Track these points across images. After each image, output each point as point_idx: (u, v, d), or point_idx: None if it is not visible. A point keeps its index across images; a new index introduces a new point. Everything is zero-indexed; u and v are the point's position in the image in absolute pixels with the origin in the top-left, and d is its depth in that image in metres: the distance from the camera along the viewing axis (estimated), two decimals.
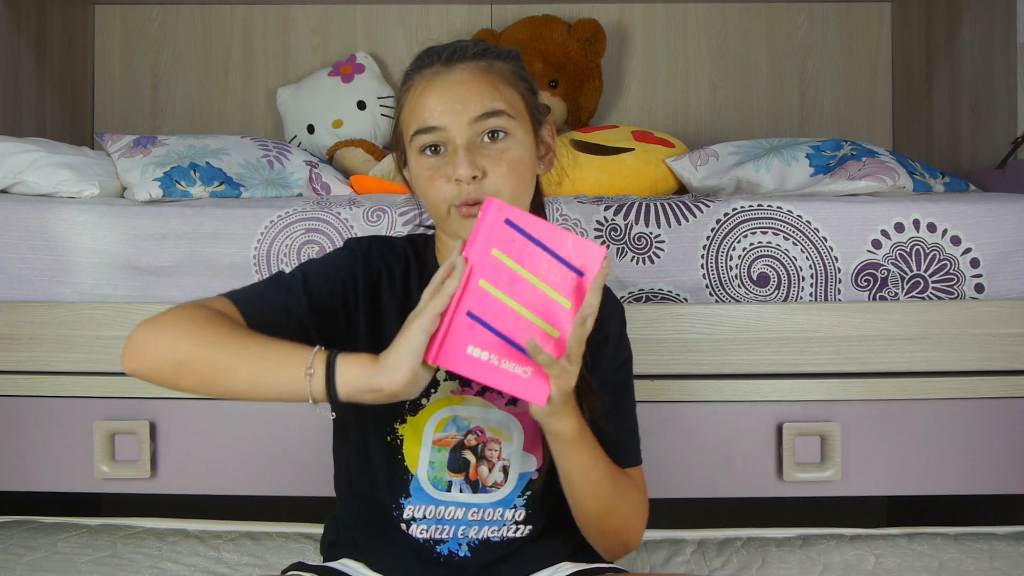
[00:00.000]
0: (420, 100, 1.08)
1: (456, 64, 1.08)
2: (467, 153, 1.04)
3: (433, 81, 1.08)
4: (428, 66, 1.09)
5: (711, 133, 2.55)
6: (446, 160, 1.06)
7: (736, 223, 1.62)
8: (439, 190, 1.06)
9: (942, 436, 1.58)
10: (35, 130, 2.28)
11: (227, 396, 0.98)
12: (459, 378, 1.13)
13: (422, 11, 2.56)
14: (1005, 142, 1.95)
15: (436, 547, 1.13)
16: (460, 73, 1.08)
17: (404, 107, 1.11)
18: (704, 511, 2.12)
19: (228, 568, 1.47)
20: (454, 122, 1.06)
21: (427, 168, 1.07)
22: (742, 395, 1.58)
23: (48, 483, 1.60)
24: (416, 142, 1.08)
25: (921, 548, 1.53)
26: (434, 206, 1.08)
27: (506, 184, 1.06)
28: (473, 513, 1.13)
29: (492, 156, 1.06)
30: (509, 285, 0.94)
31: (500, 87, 1.08)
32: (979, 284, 1.61)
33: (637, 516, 1.14)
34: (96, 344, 1.58)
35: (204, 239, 1.61)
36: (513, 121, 1.08)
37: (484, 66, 1.09)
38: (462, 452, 1.13)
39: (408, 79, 1.12)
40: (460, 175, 1.04)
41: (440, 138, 1.06)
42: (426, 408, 1.13)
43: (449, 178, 1.05)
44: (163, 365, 0.97)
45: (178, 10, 2.56)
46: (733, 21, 2.57)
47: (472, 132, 1.06)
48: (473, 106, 1.06)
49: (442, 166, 1.06)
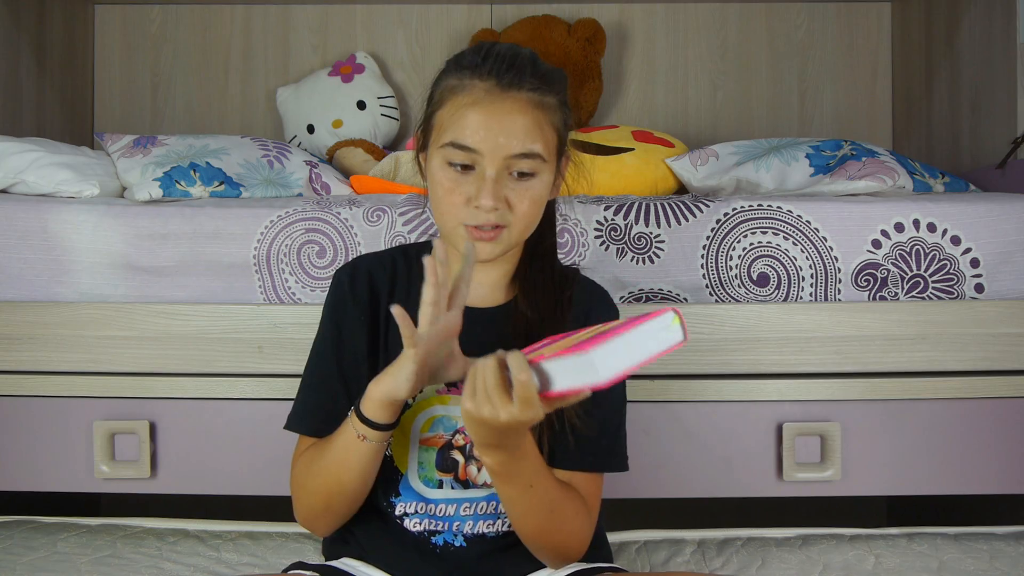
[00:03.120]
0: (465, 114, 1.08)
1: (512, 92, 1.08)
2: (495, 186, 1.06)
3: (484, 101, 1.07)
4: (483, 78, 1.08)
5: (711, 133, 2.55)
6: (471, 182, 1.08)
7: (736, 223, 1.62)
8: (454, 205, 1.08)
9: (942, 436, 1.58)
10: (35, 130, 2.28)
11: (357, 495, 1.11)
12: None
13: (422, 11, 2.56)
14: (1005, 142, 1.95)
15: (431, 538, 1.14)
16: (512, 104, 1.08)
17: (445, 107, 1.10)
18: (704, 511, 2.12)
19: (228, 568, 1.47)
20: (491, 152, 1.07)
21: (450, 180, 1.09)
22: (742, 395, 1.58)
23: (48, 483, 1.60)
24: (447, 152, 1.08)
25: (921, 548, 1.53)
26: (443, 215, 1.10)
27: (523, 220, 1.10)
28: (465, 508, 1.14)
29: (517, 191, 1.08)
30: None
31: (543, 127, 1.09)
32: (979, 284, 1.61)
33: (576, 538, 1.12)
34: (96, 344, 1.58)
35: (204, 239, 1.61)
36: (544, 164, 1.10)
37: (536, 100, 1.09)
38: (450, 452, 1.14)
39: (458, 76, 1.10)
40: (482, 205, 1.06)
41: (473, 160, 1.08)
42: (411, 408, 1.14)
43: (468, 198, 1.08)
44: (316, 518, 1.14)
45: (178, 10, 2.56)
46: (733, 21, 2.57)
47: (504, 166, 1.07)
48: (514, 143, 1.07)
49: (465, 185, 1.08)
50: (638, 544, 1.57)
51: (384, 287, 1.18)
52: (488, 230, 1.08)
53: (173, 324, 1.58)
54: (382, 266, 1.19)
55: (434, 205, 1.12)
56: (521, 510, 1.05)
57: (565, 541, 1.10)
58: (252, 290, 1.61)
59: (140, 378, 1.58)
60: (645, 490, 1.58)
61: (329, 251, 1.60)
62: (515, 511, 1.06)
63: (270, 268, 1.60)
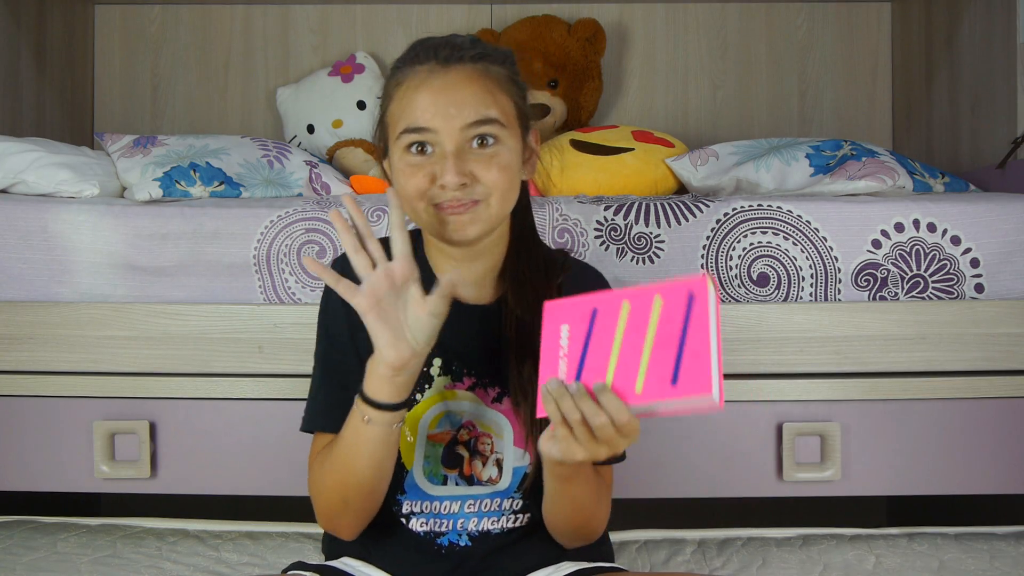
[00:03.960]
0: (412, 98, 1.07)
1: (452, 65, 1.07)
2: (456, 160, 1.04)
3: (428, 80, 1.07)
4: (422, 62, 1.08)
5: (711, 133, 2.55)
6: (432, 160, 1.06)
7: (736, 223, 1.62)
8: (417, 185, 1.06)
9: (942, 436, 1.58)
10: (35, 130, 2.28)
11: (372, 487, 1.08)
12: (451, 373, 1.14)
13: (422, 11, 2.56)
14: (1005, 142, 1.95)
15: (436, 539, 1.14)
16: (456, 75, 1.07)
17: (393, 101, 1.10)
18: (704, 511, 2.12)
19: (228, 568, 1.47)
20: (445, 126, 1.05)
21: (410, 165, 1.07)
22: (742, 395, 1.58)
23: (48, 483, 1.60)
24: (403, 140, 1.07)
25: (921, 548, 1.53)
26: (409, 200, 1.07)
27: (496, 187, 1.06)
28: (470, 505, 1.14)
29: (481, 161, 1.06)
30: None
31: (495, 93, 1.08)
32: (979, 284, 1.61)
33: (604, 521, 1.15)
34: (96, 344, 1.58)
35: (204, 239, 1.61)
36: (504, 129, 1.08)
37: (480, 70, 1.08)
38: (455, 448, 1.14)
39: (399, 72, 1.10)
40: (447, 182, 1.04)
41: (429, 139, 1.06)
42: (421, 403, 1.13)
43: (432, 177, 1.06)
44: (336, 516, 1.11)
45: (178, 10, 2.56)
46: (733, 21, 2.57)
47: (462, 138, 1.06)
48: (467, 112, 1.05)
49: (427, 164, 1.06)
50: (638, 544, 1.57)
51: None
52: (462, 206, 1.06)
53: (173, 324, 1.58)
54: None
55: (402, 198, 1.08)
56: (581, 502, 1.07)
57: (598, 527, 1.13)
58: (252, 290, 1.61)
59: (140, 378, 1.58)
60: (645, 490, 1.58)
61: (329, 251, 1.60)
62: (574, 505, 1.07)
63: (270, 268, 1.60)
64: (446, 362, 1.14)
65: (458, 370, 1.14)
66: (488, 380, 1.14)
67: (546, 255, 1.19)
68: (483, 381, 1.14)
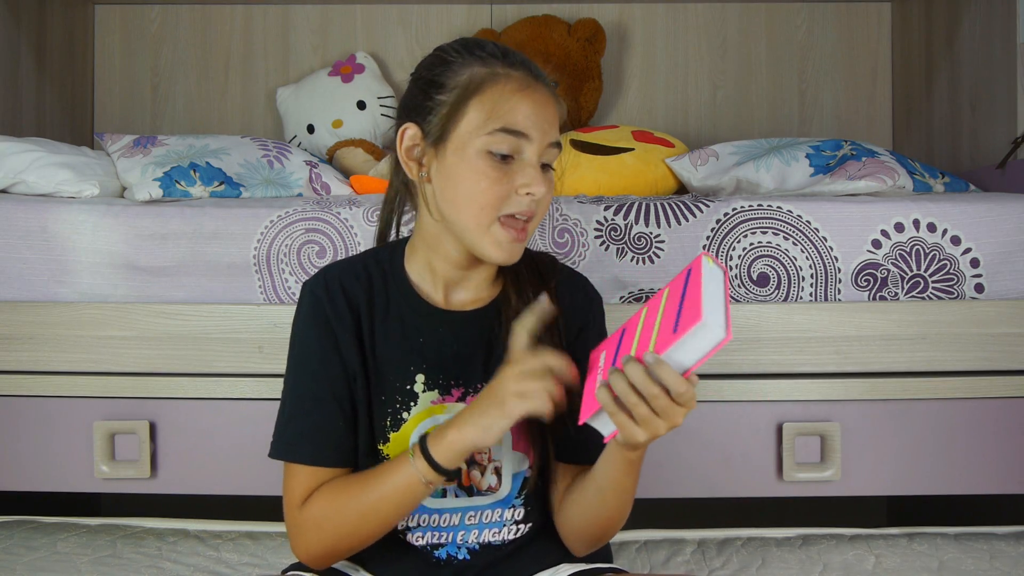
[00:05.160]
0: (514, 99, 1.05)
1: (540, 83, 1.08)
2: (539, 173, 1.06)
3: (529, 88, 1.06)
4: (516, 68, 1.07)
5: (711, 133, 2.55)
6: (516, 170, 1.05)
7: (736, 223, 1.62)
8: (497, 198, 1.04)
9: (942, 436, 1.58)
10: (35, 130, 2.28)
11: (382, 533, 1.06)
12: (439, 387, 1.12)
13: (422, 11, 2.56)
14: (1005, 142, 1.95)
15: (435, 552, 1.13)
16: (544, 94, 1.08)
17: (483, 92, 1.05)
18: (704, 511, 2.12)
19: (228, 568, 1.47)
20: (539, 138, 1.06)
21: (495, 170, 1.04)
22: (742, 395, 1.58)
23: (48, 483, 1.60)
24: (496, 138, 1.04)
25: (921, 548, 1.53)
26: (478, 211, 1.05)
27: (543, 212, 1.09)
28: (470, 517, 1.12)
29: (546, 183, 1.07)
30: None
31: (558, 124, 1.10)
32: (979, 284, 1.61)
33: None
34: (96, 344, 1.58)
35: (204, 239, 1.61)
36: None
37: (554, 96, 1.10)
38: None
39: (484, 63, 1.06)
40: (536, 192, 1.04)
41: (521, 146, 1.05)
42: (408, 422, 1.11)
43: (512, 188, 1.05)
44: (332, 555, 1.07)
45: (178, 10, 2.56)
46: (733, 21, 2.57)
47: (542, 155, 1.07)
48: (553, 132, 1.07)
49: (511, 174, 1.05)
50: (638, 544, 1.57)
51: (361, 300, 1.12)
52: (523, 221, 1.06)
53: (173, 324, 1.58)
54: (355, 277, 1.13)
55: (463, 202, 1.05)
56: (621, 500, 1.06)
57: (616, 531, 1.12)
58: (252, 290, 1.61)
59: (140, 378, 1.58)
60: (645, 490, 1.57)
61: (329, 251, 1.60)
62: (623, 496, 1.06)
63: (270, 268, 1.60)
64: (429, 377, 1.12)
65: (444, 383, 1.12)
66: (482, 385, 1.11)
67: (535, 258, 1.19)
68: (476, 388, 1.12)
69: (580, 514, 1.10)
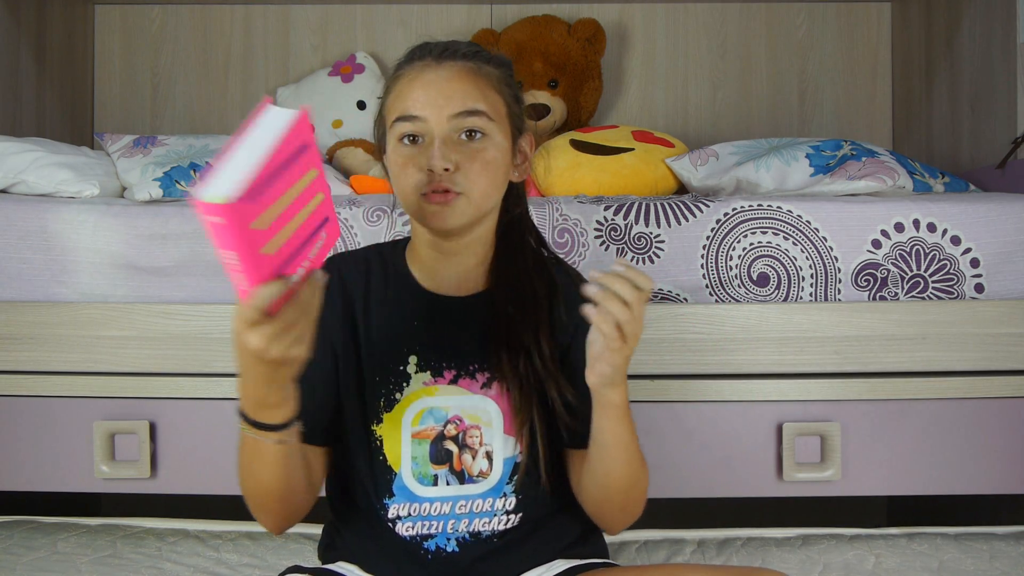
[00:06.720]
0: (406, 90, 1.12)
1: (446, 61, 1.13)
2: (442, 146, 1.09)
3: (422, 73, 1.13)
4: (419, 59, 1.14)
5: (711, 133, 2.55)
6: (421, 150, 1.11)
7: (736, 223, 1.62)
8: (411, 178, 1.10)
9: (942, 436, 1.58)
10: (35, 130, 2.28)
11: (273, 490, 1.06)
12: (431, 369, 1.14)
13: (422, 11, 2.56)
14: (1005, 142, 1.95)
15: (424, 543, 1.13)
16: (448, 70, 1.12)
17: (390, 95, 1.15)
18: (704, 511, 2.12)
19: (228, 568, 1.47)
20: (434, 115, 1.10)
21: (402, 156, 1.12)
22: (742, 395, 1.58)
23: (48, 483, 1.60)
24: (396, 129, 1.12)
25: (921, 548, 1.53)
26: (404, 193, 1.12)
27: (476, 182, 1.10)
28: (461, 506, 1.13)
29: (466, 153, 1.10)
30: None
31: (484, 90, 1.13)
32: (979, 284, 1.61)
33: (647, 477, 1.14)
34: (96, 344, 1.58)
35: (204, 239, 1.60)
36: (492, 123, 1.12)
37: (473, 67, 1.14)
38: (443, 443, 1.13)
39: (398, 69, 1.16)
40: (433, 166, 1.08)
41: (419, 128, 1.11)
42: (400, 403, 1.13)
43: (422, 167, 1.10)
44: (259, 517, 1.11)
45: (178, 10, 2.56)
46: (733, 21, 2.57)
47: (450, 128, 1.10)
48: (455, 103, 1.10)
49: (417, 155, 1.11)
50: (638, 544, 1.57)
51: (358, 287, 1.17)
52: (444, 193, 1.09)
53: (173, 324, 1.58)
54: (356, 266, 1.19)
55: (396, 189, 1.14)
56: (633, 449, 1.07)
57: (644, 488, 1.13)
58: None
59: (140, 378, 1.58)
60: None
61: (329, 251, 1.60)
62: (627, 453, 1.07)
63: None
64: (422, 358, 1.14)
65: (436, 365, 1.14)
66: (476, 367, 1.14)
67: (535, 255, 1.20)
68: (469, 369, 1.14)
69: (595, 483, 1.11)
